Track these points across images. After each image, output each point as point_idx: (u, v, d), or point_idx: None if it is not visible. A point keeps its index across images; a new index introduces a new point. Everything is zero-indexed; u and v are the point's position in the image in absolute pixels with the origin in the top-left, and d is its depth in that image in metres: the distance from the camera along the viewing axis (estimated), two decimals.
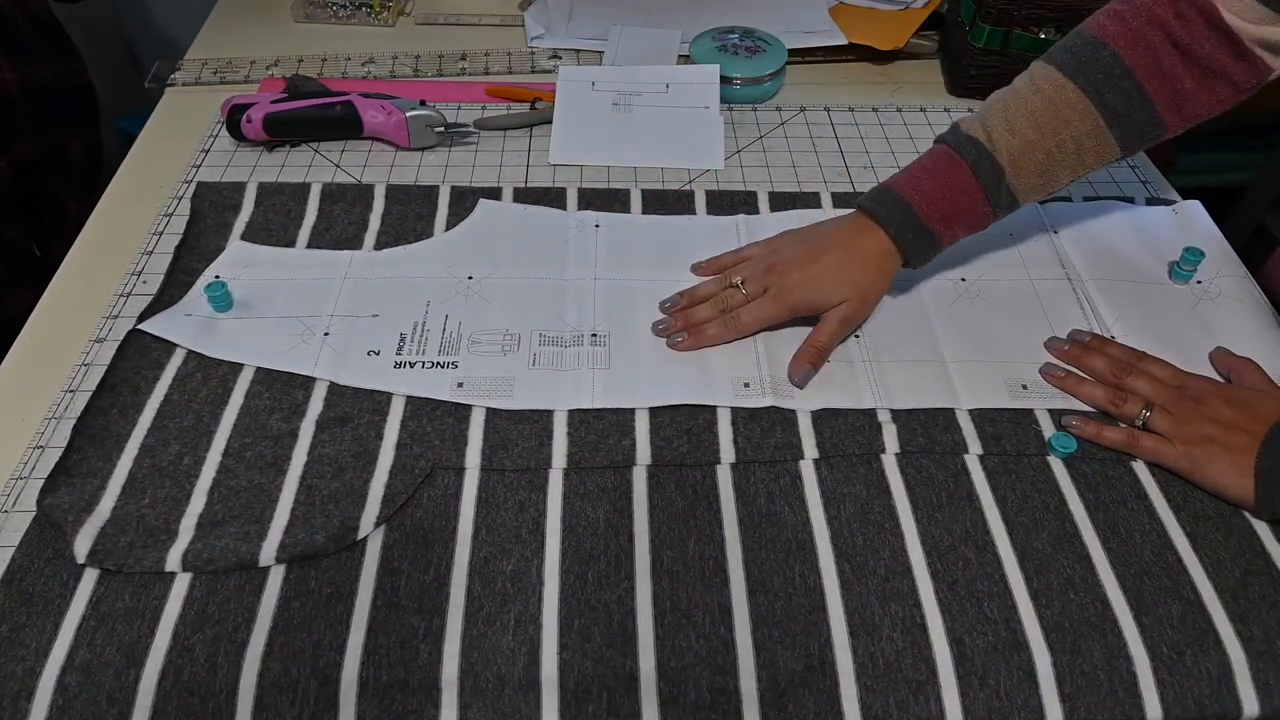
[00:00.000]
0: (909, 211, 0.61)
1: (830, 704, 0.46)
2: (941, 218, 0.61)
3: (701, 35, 0.92)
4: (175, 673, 0.46)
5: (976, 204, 0.62)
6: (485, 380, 0.60)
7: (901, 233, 0.61)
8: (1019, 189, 0.61)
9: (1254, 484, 0.53)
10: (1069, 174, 0.62)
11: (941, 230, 0.62)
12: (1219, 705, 0.46)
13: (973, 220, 0.63)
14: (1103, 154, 0.61)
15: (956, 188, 0.61)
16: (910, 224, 0.61)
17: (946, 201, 0.61)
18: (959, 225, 0.62)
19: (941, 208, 0.61)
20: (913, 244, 0.62)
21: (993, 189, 0.61)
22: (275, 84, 0.89)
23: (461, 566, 0.50)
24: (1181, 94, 0.59)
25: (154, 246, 0.71)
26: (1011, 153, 0.60)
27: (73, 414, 0.58)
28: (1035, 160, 0.61)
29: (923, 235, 0.62)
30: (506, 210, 0.74)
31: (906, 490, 0.55)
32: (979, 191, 0.61)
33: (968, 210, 0.62)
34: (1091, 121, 0.60)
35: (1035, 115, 0.60)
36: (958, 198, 0.61)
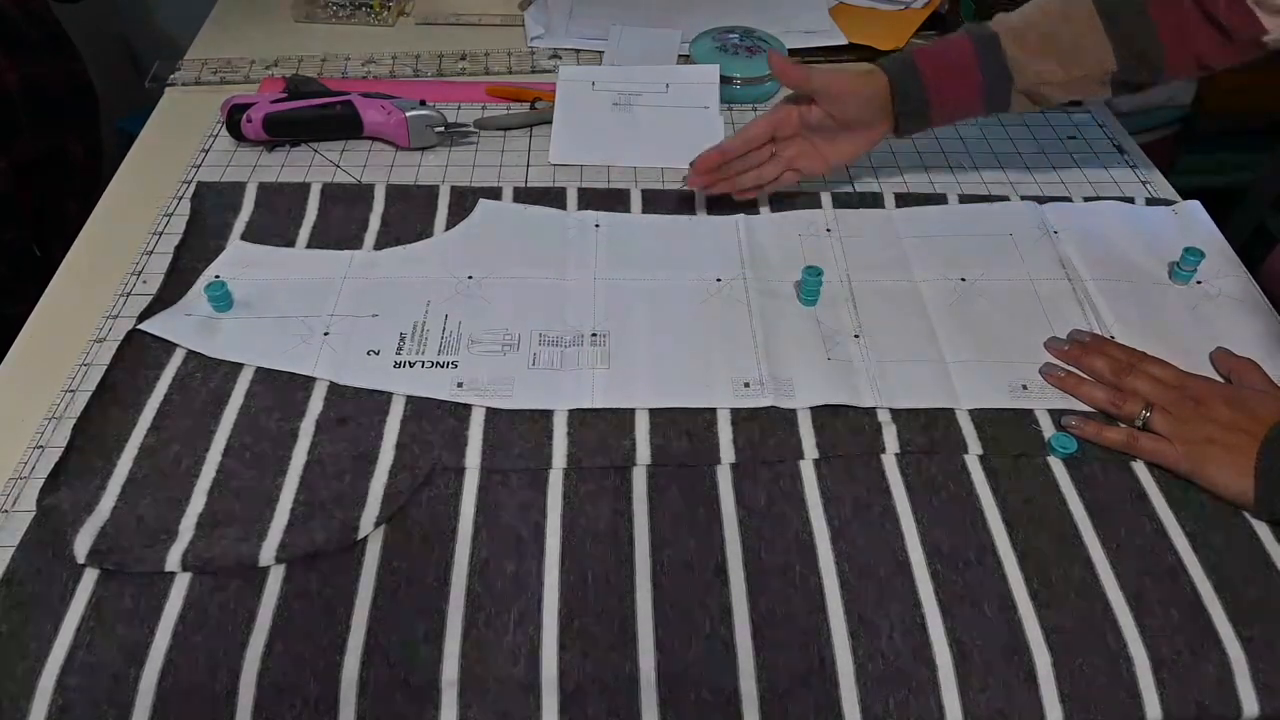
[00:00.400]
0: (907, 54, 0.69)
1: (830, 704, 0.46)
2: (932, 66, 0.67)
3: (701, 35, 0.92)
4: (175, 673, 0.46)
5: (965, 58, 0.67)
6: (485, 380, 0.60)
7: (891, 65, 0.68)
8: (1013, 62, 0.66)
9: (1254, 484, 0.53)
10: (1061, 69, 0.65)
11: (928, 72, 0.67)
12: (1219, 705, 0.46)
13: (960, 73, 0.67)
14: (1100, 59, 0.64)
15: (952, 44, 0.68)
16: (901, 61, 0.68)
17: (939, 54, 0.68)
18: (946, 75, 0.67)
19: (934, 57, 0.67)
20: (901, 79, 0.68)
21: (983, 46, 0.66)
22: (275, 84, 0.89)
23: (461, 567, 0.50)
24: (1185, 25, 0.62)
25: (154, 246, 0.71)
26: (1009, 24, 0.66)
27: (73, 414, 0.58)
28: (1031, 40, 0.65)
29: (909, 70, 0.67)
30: (506, 210, 0.74)
31: (906, 490, 0.55)
32: (969, 45, 0.67)
33: (959, 66, 0.67)
34: (1091, 22, 0.64)
35: (1042, 4, 0.66)
36: (952, 52, 0.67)
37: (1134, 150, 0.84)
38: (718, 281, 0.68)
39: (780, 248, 0.71)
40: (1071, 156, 0.83)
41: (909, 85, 0.68)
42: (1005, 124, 0.87)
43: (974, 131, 0.86)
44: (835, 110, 0.69)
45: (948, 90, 0.68)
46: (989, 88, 0.67)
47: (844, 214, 0.75)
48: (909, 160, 0.82)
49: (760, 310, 0.65)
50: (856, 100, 0.69)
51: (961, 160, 0.82)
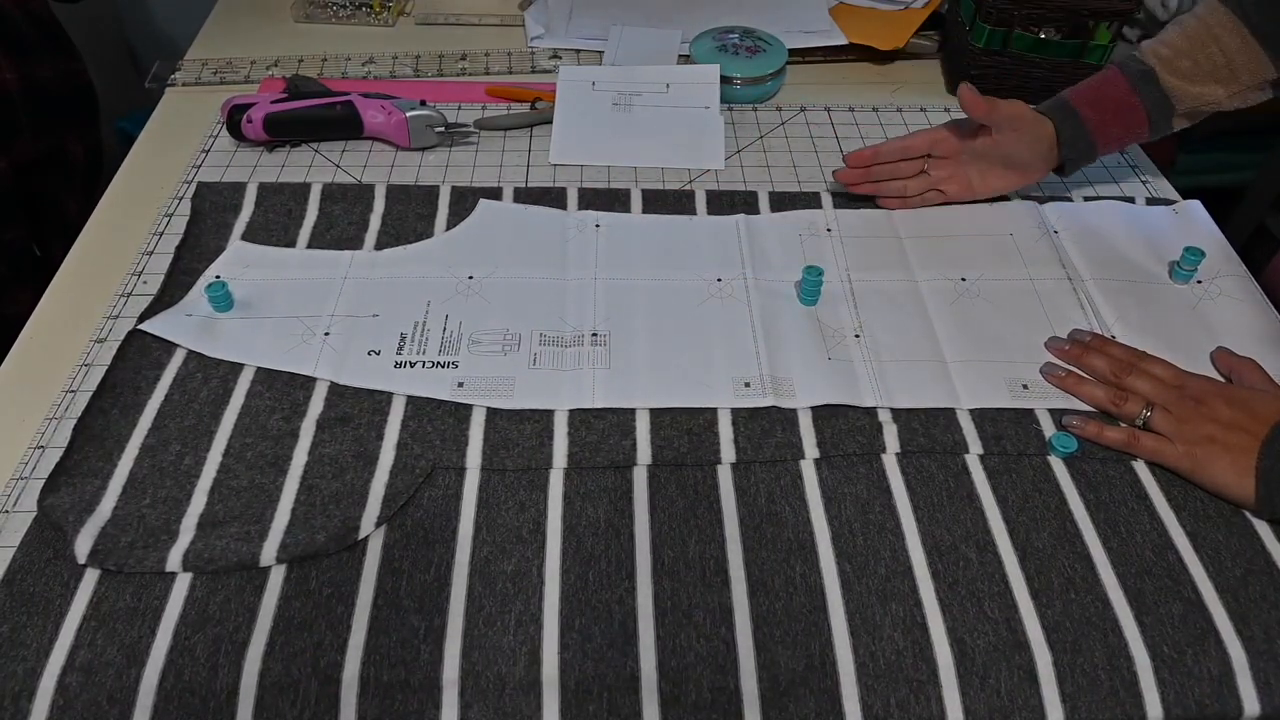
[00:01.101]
0: (1061, 99, 0.71)
1: (831, 704, 0.46)
2: (1093, 109, 0.69)
3: (701, 35, 0.92)
4: (176, 673, 0.46)
5: (1123, 95, 0.69)
6: (485, 380, 0.60)
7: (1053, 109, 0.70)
8: (1171, 90, 0.68)
9: (1254, 484, 0.53)
10: (1222, 88, 0.68)
11: (1086, 112, 0.69)
12: (1220, 705, 0.46)
13: (1120, 105, 0.69)
14: (1256, 70, 0.67)
15: (1104, 82, 0.70)
16: (1060, 107, 0.70)
17: (1093, 91, 0.70)
18: (1109, 116, 0.69)
19: (1087, 95, 0.70)
20: (1062, 122, 0.70)
21: (1140, 82, 0.68)
22: (275, 84, 0.89)
23: (462, 566, 0.50)
24: None
25: (154, 246, 0.71)
26: (1159, 55, 0.68)
27: (73, 414, 0.58)
28: (1184, 66, 0.68)
29: (1068, 115, 0.70)
30: (507, 210, 0.74)
31: (907, 490, 0.55)
32: (1124, 83, 0.69)
33: (1114, 99, 0.69)
34: (1240, 39, 0.66)
35: (1186, 28, 0.68)
36: (1105, 90, 0.70)
37: (1134, 150, 0.84)
38: (718, 281, 0.68)
39: (780, 248, 0.71)
40: None
41: (1073, 131, 0.70)
42: None
43: None
44: (1008, 143, 0.71)
45: (1113, 129, 0.70)
46: (1152, 119, 0.70)
47: (844, 214, 0.75)
48: None
49: (760, 310, 0.65)
50: (1029, 138, 0.71)
51: None
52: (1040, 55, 0.87)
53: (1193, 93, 0.68)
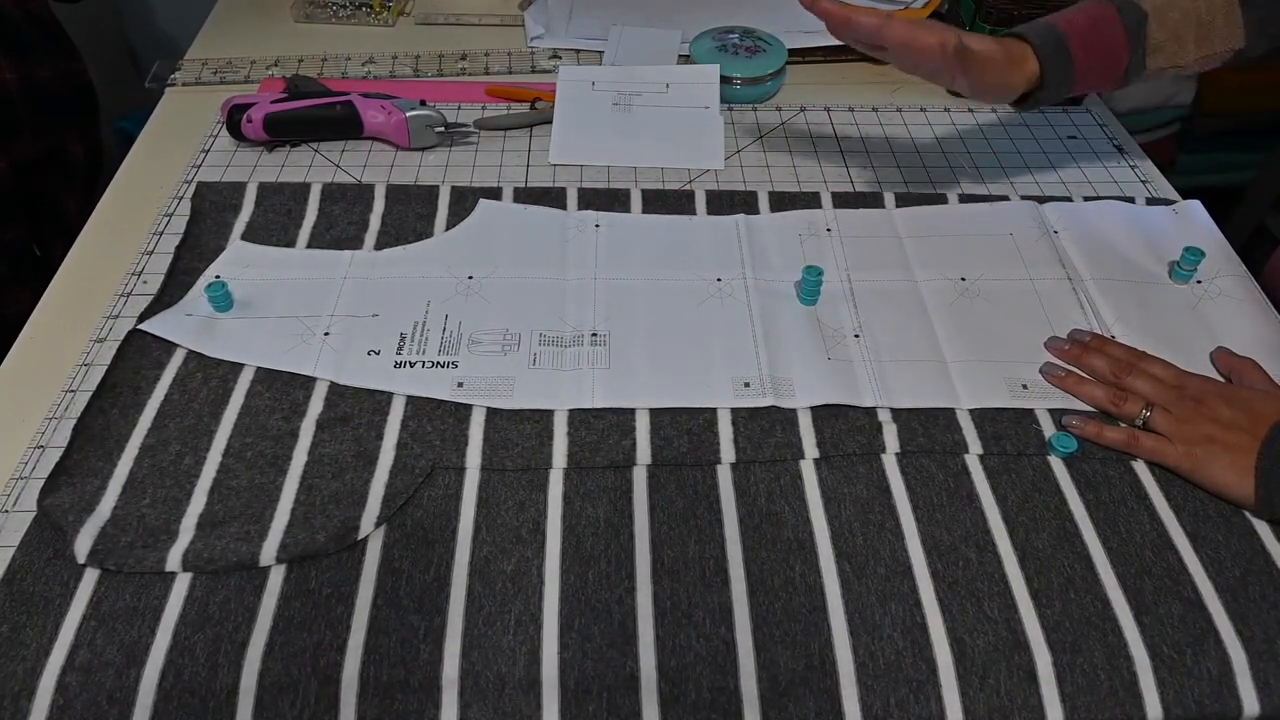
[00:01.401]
0: (1056, 34, 0.65)
1: (830, 704, 0.46)
2: (1083, 44, 0.64)
3: (701, 35, 0.92)
4: (176, 673, 0.46)
5: (1117, 40, 0.64)
6: (485, 380, 0.60)
7: (1043, 48, 0.64)
8: (1155, 45, 0.65)
9: (1254, 484, 0.53)
10: (1195, 47, 0.65)
11: (1079, 53, 0.64)
12: (1219, 705, 0.46)
13: (1110, 55, 0.65)
14: (1230, 36, 0.64)
15: (1100, 21, 0.65)
16: (1052, 43, 0.65)
17: (1091, 31, 0.65)
18: (1094, 56, 0.65)
19: (1086, 36, 0.65)
20: (1051, 59, 0.64)
21: (1133, 30, 0.64)
22: (275, 84, 0.89)
23: (462, 566, 0.50)
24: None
25: (154, 246, 0.71)
26: (1152, 3, 0.64)
27: (73, 414, 0.58)
28: (1172, 19, 0.64)
29: (1060, 53, 0.64)
30: (506, 210, 0.74)
31: (907, 490, 0.55)
32: (1120, 29, 0.64)
33: (1108, 44, 0.64)
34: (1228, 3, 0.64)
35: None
36: (1105, 35, 0.65)
37: (1134, 150, 0.84)
38: (718, 281, 0.68)
39: (780, 248, 0.71)
40: (1071, 156, 0.83)
41: (1058, 71, 0.65)
42: (1005, 124, 0.87)
43: (974, 131, 0.86)
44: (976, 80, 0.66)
45: (1091, 78, 0.66)
46: (1129, 70, 0.66)
47: (844, 214, 0.75)
48: (909, 160, 0.82)
49: (760, 310, 0.65)
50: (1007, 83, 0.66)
51: (961, 160, 0.82)
52: None
53: (1169, 50, 0.65)
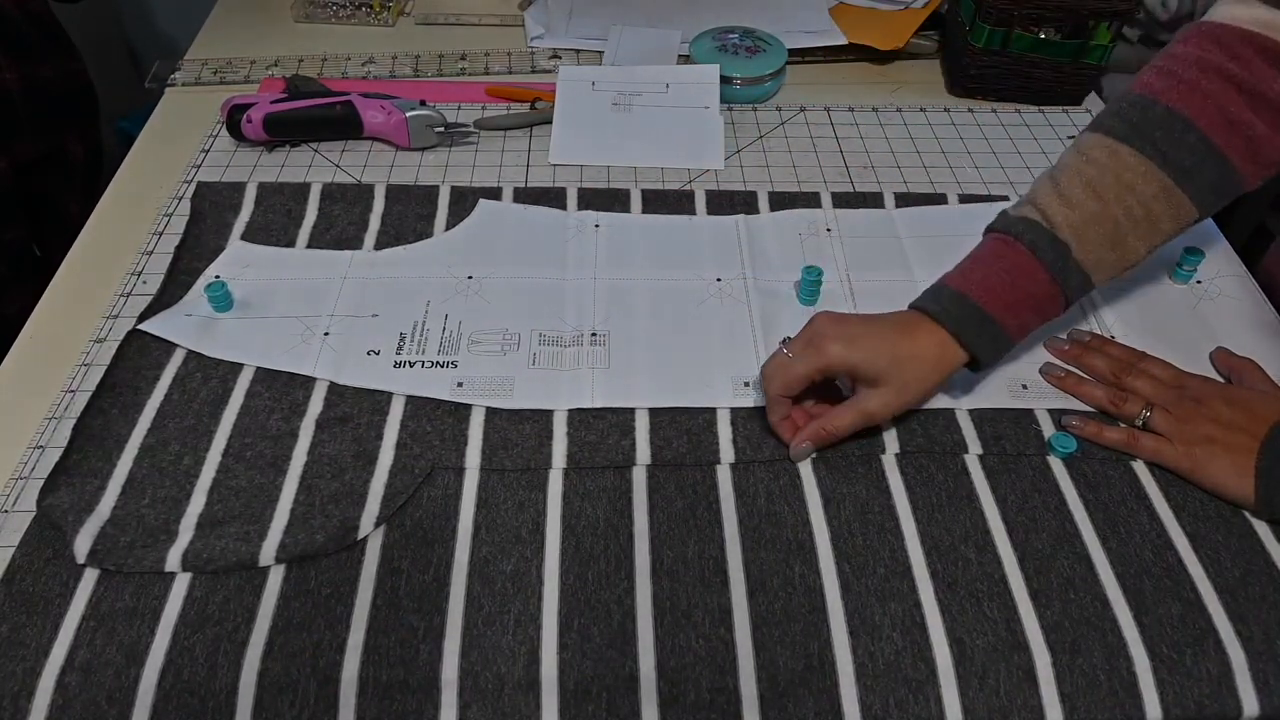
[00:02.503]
0: (966, 303, 0.55)
1: (830, 704, 0.46)
2: (1004, 305, 0.55)
3: (701, 35, 0.92)
4: (175, 672, 0.46)
5: (1041, 286, 0.55)
6: (485, 380, 0.60)
7: (962, 327, 0.55)
8: (1090, 265, 0.55)
9: (1254, 484, 0.53)
10: (1144, 243, 0.56)
11: (1006, 319, 0.55)
12: (1219, 705, 0.46)
13: (1041, 305, 0.56)
14: (1179, 216, 0.56)
15: (1016, 271, 0.55)
16: (970, 316, 0.55)
17: (1007, 288, 0.55)
18: (1025, 311, 0.56)
19: (1002, 295, 0.55)
20: (976, 338, 0.55)
21: (1058, 268, 0.55)
22: (275, 84, 0.89)
23: (461, 566, 0.50)
24: (1254, 140, 0.54)
25: (154, 246, 0.71)
26: (1073, 226, 0.55)
27: (73, 414, 0.58)
28: (1103, 231, 0.55)
29: (986, 327, 0.55)
30: (506, 210, 0.74)
31: (906, 490, 0.55)
32: (1042, 272, 0.55)
33: (1033, 295, 0.55)
34: (1158, 183, 0.55)
35: (1092, 184, 0.55)
36: (1019, 282, 0.55)
37: None
38: (718, 281, 0.68)
39: (780, 247, 0.71)
40: None
41: (986, 339, 0.55)
42: (1005, 124, 0.87)
43: (974, 131, 0.86)
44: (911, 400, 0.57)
45: (1031, 322, 0.57)
46: (1073, 294, 0.56)
47: (844, 214, 0.75)
48: (909, 160, 0.82)
49: (760, 310, 0.65)
50: (932, 385, 0.56)
51: (961, 160, 0.82)
52: (1040, 55, 0.87)
53: (1111, 260, 0.56)
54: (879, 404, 0.55)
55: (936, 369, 0.55)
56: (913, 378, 0.55)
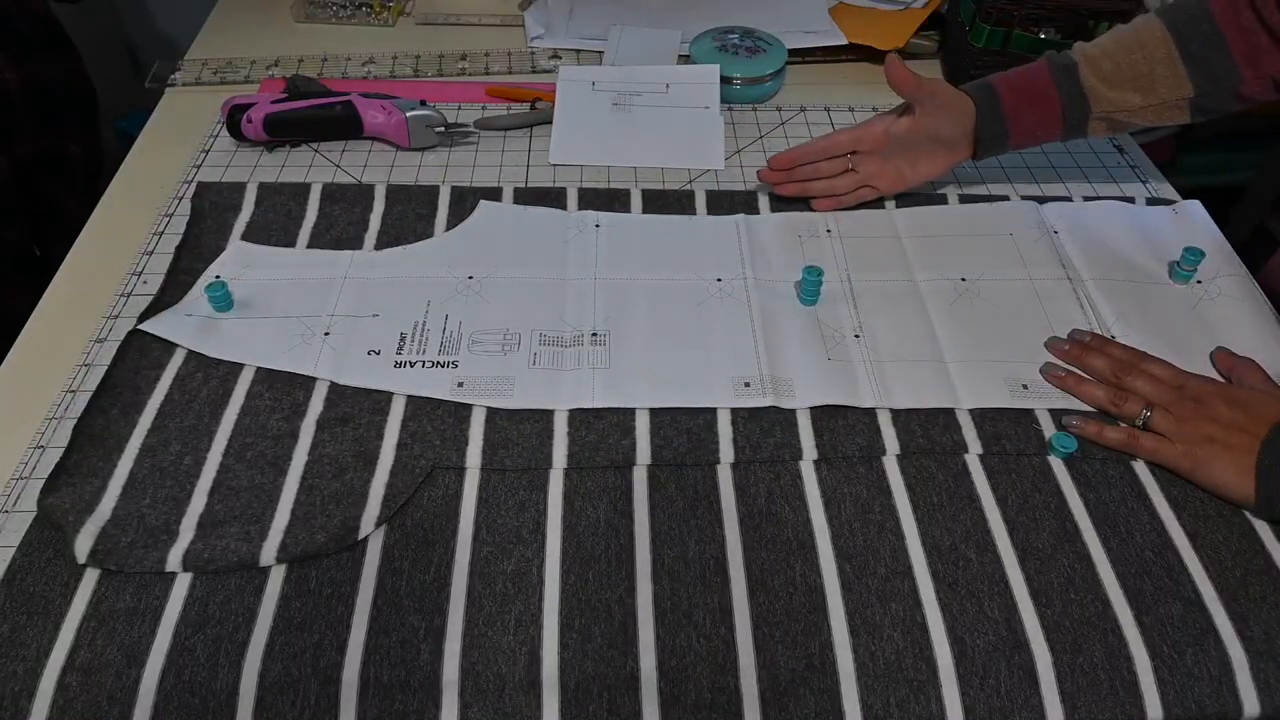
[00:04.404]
0: (986, 80, 0.70)
1: (831, 703, 0.46)
2: (1011, 92, 0.69)
3: (701, 35, 0.92)
4: (176, 673, 0.46)
5: (1043, 86, 0.68)
6: (485, 380, 0.60)
7: (974, 90, 0.70)
8: (1090, 90, 0.67)
9: (1254, 484, 0.53)
10: (1139, 96, 0.66)
11: (1008, 98, 0.68)
12: (1219, 705, 0.46)
13: (1039, 98, 0.68)
14: (1175, 86, 0.66)
15: (1031, 72, 0.69)
16: (983, 87, 0.70)
17: (1019, 78, 0.69)
18: (1022, 98, 0.68)
19: (1013, 80, 0.69)
20: (981, 100, 0.69)
21: (1060, 74, 0.68)
22: (275, 84, 0.89)
23: (462, 566, 0.50)
24: (1258, 48, 0.63)
25: (154, 246, 0.71)
26: (1085, 53, 0.67)
27: (73, 414, 0.58)
28: (1107, 69, 0.67)
29: (989, 95, 0.69)
30: (506, 210, 0.74)
31: (907, 490, 0.55)
32: (1047, 73, 0.68)
33: (1036, 87, 0.68)
34: (1166, 49, 0.65)
35: (1118, 34, 0.68)
36: (1031, 80, 0.69)
37: (1134, 150, 0.84)
38: (718, 281, 0.68)
39: (780, 248, 0.71)
40: (1071, 156, 0.83)
41: (990, 111, 0.69)
42: None
43: None
44: (933, 122, 0.70)
45: (1027, 117, 0.69)
46: (1067, 115, 0.68)
47: (844, 214, 0.75)
48: None
49: (760, 310, 0.65)
50: (953, 114, 0.70)
51: None
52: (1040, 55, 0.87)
53: (1109, 96, 0.67)
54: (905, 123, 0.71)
55: (959, 120, 0.70)
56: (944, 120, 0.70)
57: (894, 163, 0.73)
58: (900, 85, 0.70)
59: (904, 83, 0.69)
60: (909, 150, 0.72)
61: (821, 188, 0.74)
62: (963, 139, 0.71)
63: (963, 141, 0.71)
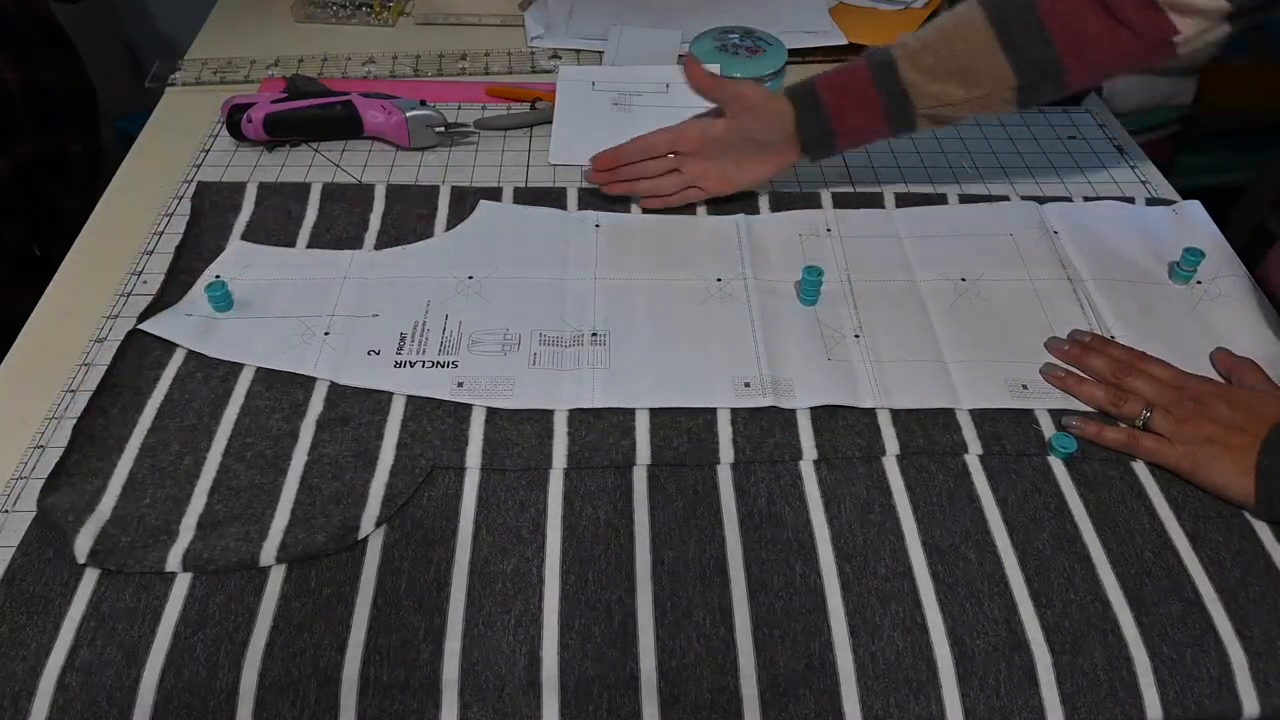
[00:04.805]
0: (809, 82, 0.69)
1: (831, 704, 0.46)
2: (833, 94, 0.67)
3: (701, 35, 0.92)
4: (176, 673, 0.46)
5: (864, 85, 0.67)
6: (485, 380, 0.60)
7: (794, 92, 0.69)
8: (911, 86, 0.66)
9: (1254, 484, 0.53)
10: (961, 89, 0.65)
11: (830, 100, 0.67)
12: (1219, 705, 0.46)
13: (860, 95, 0.67)
14: (997, 78, 0.64)
15: (852, 72, 0.68)
16: (805, 89, 0.68)
17: (840, 79, 0.68)
18: (847, 103, 0.67)
19: (834, 86, 0.68)
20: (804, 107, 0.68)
21: (879, 73, 0.66)
22: (275, 84, 0.89)
23: (462, 566, 0.50)
24: (1083, 35, 0.62)
25: (154, 246, 0.71)
26: (906, 47, 0.66)
27: (73, 414, 0.58)
28: (927, 62, 0.65)
29: (810, 98, 0.68)
30: (506, 210, 0.74)
31: (907, 490, 0.55)
32: (866, 73, 0.67)
33: (859, 93, 0.67)
34: (986, 40, 0.63)
35: (941, 24, 0.66)
36: (851, 79, 0.67)
37: (1134, 150, 0.84)
38: (718, 281, 0.68)
39: (780, 248, 0.71)
40: (1071, 156, 0.83)
41: (811, 114, 0.68)
42: (1005, 124, 0.87)
43: (974, 131, 0.86)
44: (746, 125, 0.69)
45: (851, 117, 0.68)
46: (891, 113, 0.67)
47: (844, 214, 0.75)
48: (909, 160, 0.82)
49: (760, 310, 0.65)
50: (766, 117, 0.69)
51: (961, 160, 0.82)
52: None
53: (931, 91, 0.65)
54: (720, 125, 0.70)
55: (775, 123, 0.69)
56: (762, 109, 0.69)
57: (719, 164, 0.72)
58: (698, 86, 0.69)
59: (701, 84, 0.69)
60: (732, 152, 0.71)
61: (647, 188, 0.73)
62: (785, 141, 0.70)
63: (786, 144, 0.70)
